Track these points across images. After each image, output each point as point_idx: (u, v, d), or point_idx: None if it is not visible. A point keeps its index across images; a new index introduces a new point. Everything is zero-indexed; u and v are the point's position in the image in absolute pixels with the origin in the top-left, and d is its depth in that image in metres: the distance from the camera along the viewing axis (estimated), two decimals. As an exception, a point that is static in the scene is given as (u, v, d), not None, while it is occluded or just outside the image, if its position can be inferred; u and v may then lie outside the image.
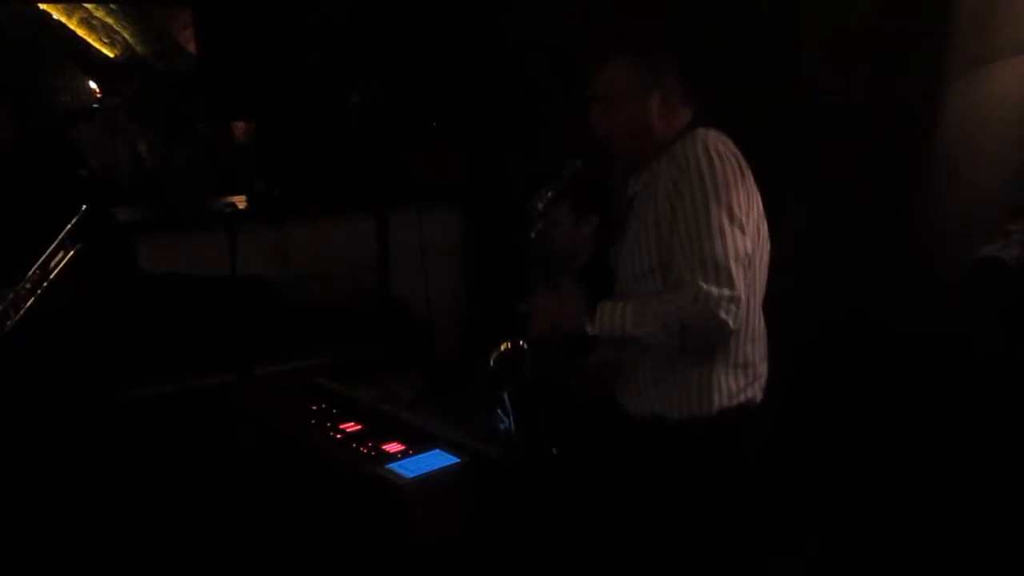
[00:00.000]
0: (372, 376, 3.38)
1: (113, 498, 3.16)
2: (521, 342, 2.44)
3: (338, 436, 2.86)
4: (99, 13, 4.33)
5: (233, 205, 3.80)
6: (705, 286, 2.12)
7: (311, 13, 4.49)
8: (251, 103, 4.54)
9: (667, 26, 3.82)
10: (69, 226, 2.84)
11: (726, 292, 2.12)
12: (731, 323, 2.15)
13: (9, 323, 2.80)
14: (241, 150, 4.73)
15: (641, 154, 2.36)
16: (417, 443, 2.72)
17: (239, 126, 4.71)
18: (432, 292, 4.60)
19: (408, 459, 2.63)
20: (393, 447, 2.71)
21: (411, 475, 2.54)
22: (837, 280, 3.16)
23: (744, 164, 2.27)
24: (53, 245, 2.84)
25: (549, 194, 2.45)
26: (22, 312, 2.81)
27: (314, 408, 3.09)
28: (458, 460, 2.62)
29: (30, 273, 2.83)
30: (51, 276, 2.83)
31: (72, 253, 2.84)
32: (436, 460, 2.62)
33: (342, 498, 2.73)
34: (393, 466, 2.59)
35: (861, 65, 3.29)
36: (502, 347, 2.44)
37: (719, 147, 2.22)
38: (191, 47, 4.49)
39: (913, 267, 3.18)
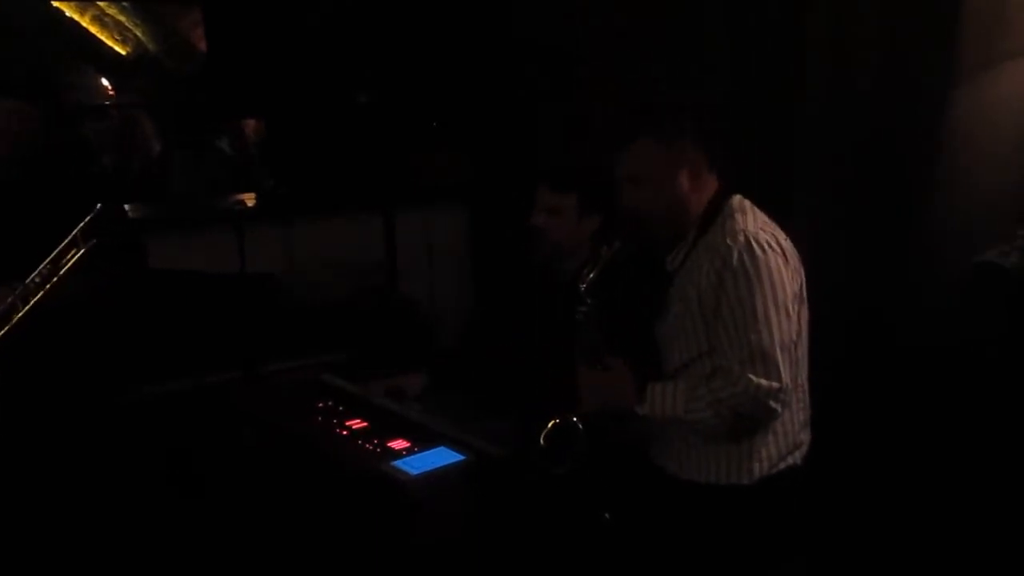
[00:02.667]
0: (378, 374, 3.40)
1: (120, 494, 3.17)
2: (575, 419, 2.42)
3: (344, 433, 2.87)
4: (111, 11, 4.35)
5: (242, 203, 3.82)
6: (755, 379, 2.16)
7: (320, 13, 4.51)
8: (260, 102, 4.56)
9: (667, 26, 3.84)
10: (83, 223, 2.88)
11: (775, 384, 2.17)
12: (779, 410, 2.21)
13: (16, 316, 2.84)
14: (250, 148, 4.75)
15: (676, 229, 2.38)
16: (422, 440, 2.73)
17: (249, 124, 4.73)
18: (438, 291, 4.62)
19: (413, 456, 2.64)
20: (398, 444, 2.72)
21: (416, 472, 2.55)
22: (841, 283, 3.17)
23: (787, 246, 2.28)
24: (66, 241, 2.88)
25: (591, 275, 2.45)
26: (29, 305, 2.84)
27: (320, 405, 3.11)
28: (463, 457, 2.63)
29: (40, 267, 2.87)
30: (61, 272, 2.86)
31: (84, 250, 2.87)
32: (441, 457, 2.63)
33: (347, 494, 2.74)
34: (398, 463, 2.60)
35: (865, 67, 3.29)
36: (550, 424, 2.44)
37: (760, 237, 2.23)
38: (202, 45, 4.51)
39: (918, 270, 3.19)
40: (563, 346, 2.50)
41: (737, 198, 2.35)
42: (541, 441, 2.42)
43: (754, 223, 2.28)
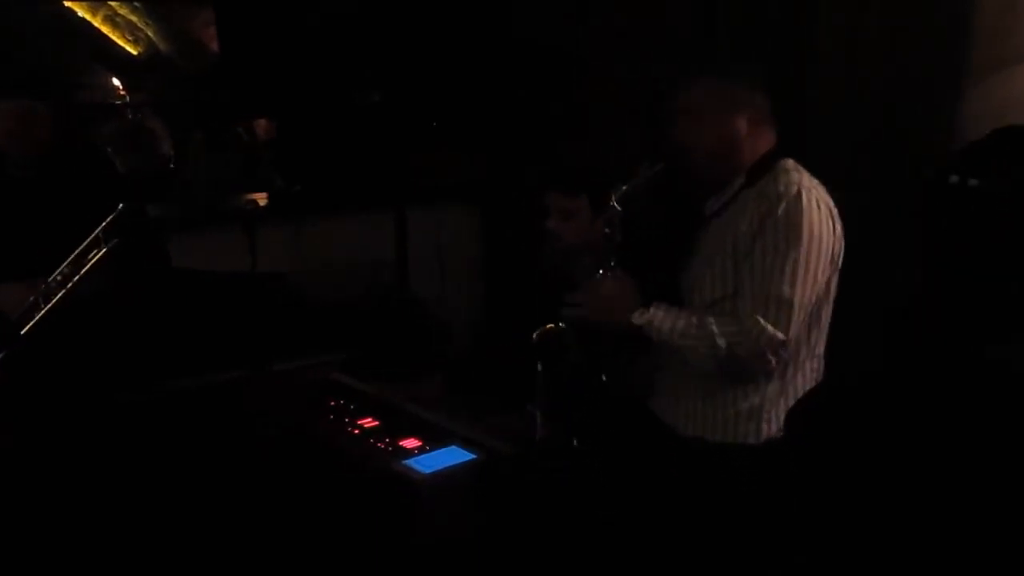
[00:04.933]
0: (389, 373, 3.41)
1: (128, 491, 3.18)
2: (562, 325, 2.44)
3: (355, 431, 2.89)
4: (123, 11, 4.36)
5: (253, 202, 3.83)
6: (763, 323, 2.17)
7: (332, 12, 4.52)
8: (272, 100, 4.57)
9: (674, 29, 3.84)
10: (105, 223, 2.89)
11: (779, 336, 2.17)
12: (773, 364, 2.21)
13: (37, 314, 2.87)
14: (261, 148, 4.77)
15: (722, 172, 2.35)
16: (433, 439, 2.74)
17: (260, 123, 4.74)
18: (449, 290, 4.63)
19: (424, 455, 2.65)
20: (410, 443, 2.73)
21: (427, 471, 2.56)
22: (849, 283, 3.15)
23: (834, 211, 2.28)
24: (88, 240, 2.89)
25: (625, 188, 2.42)
26: (51, 304, 2.86)
27: (331, 403, 3.12)
28: (474, 456, 2.64)
29: (62, 266, 2.89)
30: (83, 271, 2.88)
31: (106, 249, 2.88)
32: (452, 456, 2.64)
33: (358, 493, 2.76)
34: (409, 462, 2.61)
35: (875, 68, 3.28)
36: (547, 326, 2.46)
37: (812, 194, 2.22)
38: (213, 45, 4.52)
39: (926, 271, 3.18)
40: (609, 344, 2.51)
41: (791, 160, 2.33)
42: (533, 337, 2.44)
43: (809, 180, 2.27)
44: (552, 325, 2.46)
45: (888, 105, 3.27)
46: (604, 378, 2.51)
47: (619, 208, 2.42)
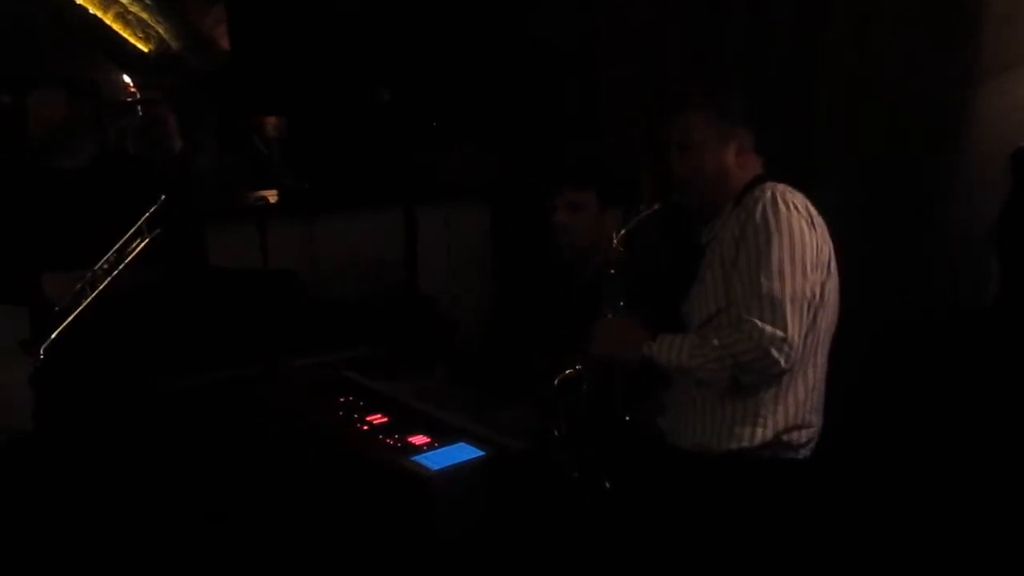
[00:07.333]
0: (398, 370, 3.42)
1: (141, 488, 3.21)
2: (578, 367, 2.49)
3: (365, 428, 2.90)
4: (134, 8, 4.38)
5: (264, 199, 3.85)
6: (760, 324, 2.18)
7: (343, 10, 4.53)
8: (283, 98, 4.58)
9: (683, 28, 3.85)
10: (148, 213, 2.94)
11: (779, 333, 2.17)
12: (783, 362, 2.20)
13: (85, 301, 2.91)
14: (272, 145, 4.78)
15: (717, 200, 2.43)
16: (442, 436, 2.75)
17: (270, 121, 4.76)
18: (458, 288, 4.64)
19: (433, 451, 2.66)
20: (419, 439, 2.75)
21: (436, 467, 2.57)
22: (861, 281, 3.17)
23: (816, 217, 2.31)
24: (132, 230, 2.94)
25: (623, 232, 2.52)
26: (97, 292, 2.91)
27: (341, 400, 3.14)
28: (483, 453, 2.65)
29: (107, 255, 2.93)
30: (127, 260, 2.92)
31: (149, 239, 2.93)
32: (461, 453, 2.66)
33: (368, 489, 2.77)
34: (419, 458, 2.63)
35: (882, 68, 3.28)
36: (567, 372, 2.50)
37: (787, 196, 2.27)
38: (224, 42, 4.54)
39: (939, 273, 3.18)
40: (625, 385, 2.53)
41: (775, 181, 2.38)
42: (554, 383, 2.50)
43: (787, 189, 2.32)
44: (571, 370, 2.50)
45: (896, 106, 3.27)
46: (628, 418, 2.54)
47: (622, 249, 2.50)
